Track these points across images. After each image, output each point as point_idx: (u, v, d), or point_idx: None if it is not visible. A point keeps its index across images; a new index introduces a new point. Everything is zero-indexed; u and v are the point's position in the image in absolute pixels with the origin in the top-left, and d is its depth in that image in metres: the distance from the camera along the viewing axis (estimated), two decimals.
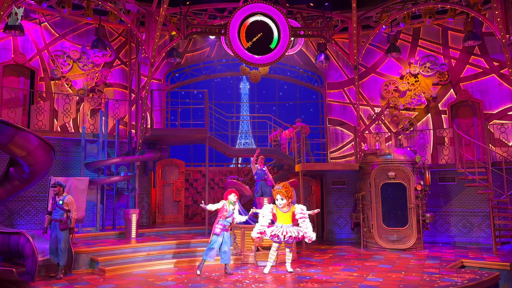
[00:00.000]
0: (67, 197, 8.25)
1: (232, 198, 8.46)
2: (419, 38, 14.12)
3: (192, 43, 15.23)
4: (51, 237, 8.02)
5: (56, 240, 8.00)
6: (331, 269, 8.67)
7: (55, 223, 8.04)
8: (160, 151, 12.86)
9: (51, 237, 8.02)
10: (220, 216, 8.31)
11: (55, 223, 8.04)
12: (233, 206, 8.42)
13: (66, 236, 8.06)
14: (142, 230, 11.32)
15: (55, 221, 8.04)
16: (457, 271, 8.17)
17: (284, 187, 8.29)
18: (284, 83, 16.48)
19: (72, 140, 12.13)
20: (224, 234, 8.29)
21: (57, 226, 8.02)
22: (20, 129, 8.43)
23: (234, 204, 8.46)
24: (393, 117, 14.07)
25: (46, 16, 12.98)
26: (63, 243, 8.01)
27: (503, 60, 12.26)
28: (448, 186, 12.45)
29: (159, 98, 14.67)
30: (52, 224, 8.08)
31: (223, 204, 8.41)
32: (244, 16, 11.49)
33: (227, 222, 8.30)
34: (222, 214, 8.30)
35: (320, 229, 14.33)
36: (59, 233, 7.99)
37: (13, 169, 9.30)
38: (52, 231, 8.04)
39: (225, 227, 8.29)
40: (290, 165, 13.25)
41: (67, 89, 13.06)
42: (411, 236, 10.98)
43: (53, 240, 8.02)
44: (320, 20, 14.24)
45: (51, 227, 8.09)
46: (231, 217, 8.35)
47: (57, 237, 7.99)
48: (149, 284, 7.51)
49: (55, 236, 8.01)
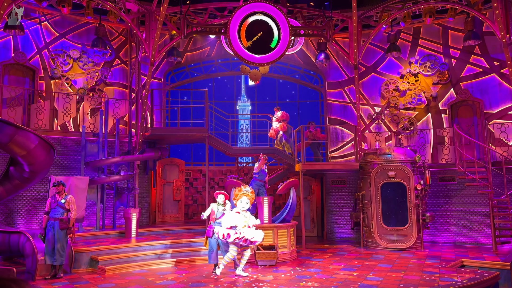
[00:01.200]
0: (69, 196, 8.26)
1: (220, 200, 8.51)
2: (419, 38, 14.11)
3: (192, 42, 15.22)
4: (47, 237, 7.96)
5: (54, 240, 7.93)
6: (331, 268, 8.67)
7: (53, 223, 7.98)
8: (160, 150, 12.86)
9: (47, 237, 7.96)
10: (211, 219, 8.40)
11: (53, 223, 7.98)
12: (222, 207, 8.46)
13: (65, 235, 8.03)
14: (142, 229, 11.32)
15: (54, 220, 7.99)
16: (457, 271, 8.18)
17: (253, 192, 8.41)
18: (284, 83, 16.48)
19: (72, 139, 12.13)
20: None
21: (55, 225, 7.97)
22: (20, 128, 8.42)
23: (223, 205, 8.50)
24: (393, 116, 14.06)
25: (46, 15, 12.98)
26: (62, 242, 7.97)
27: (503, 59, 12.26)
28: (448, 186, 12.45)
29: (159, 97, 14.67)
30: (50, 223, 7.98)
31: (211, 208, 8.50)
32: (244, 15, 11.48)
33: (217, 223, 8.29)
34: (212, 217, 8.40)
35: (320, 228, 14.35)
36: (58, 232, 7.95)
37: (13, 168, 9.30)
38: (49, 231, 7.95)
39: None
40: (290, 164, 13.25)
41: (67, 88, 13.06)
42: (411, 236, 10.98)
43: (50, 241, 7.92)
44: (321, 20, 14.23)
45: (48, 227, 8.02)
46: (221, 218, 8.33)
47: (55, 236, 7.94)
48: (149, 283, 7.52)
49: (52, 235, 7.94)
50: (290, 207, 10.73)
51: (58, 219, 7.99)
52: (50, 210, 8.07)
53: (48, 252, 7.92)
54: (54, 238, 7.94)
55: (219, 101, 16.13)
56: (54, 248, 7.94)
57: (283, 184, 10.82)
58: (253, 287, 7.14)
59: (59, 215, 8.02)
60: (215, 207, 8.46)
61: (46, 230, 7.99)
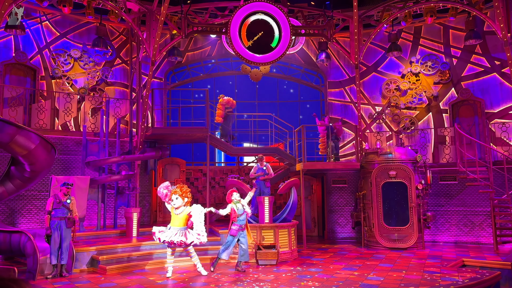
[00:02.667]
0: (72, 197, 8.35)
1: (236, 197, 8.63)
2: (420, 37, 14.09)
3: (193, 42, 15.22)
4: (53, 237, 7.99)
5: (60, 239, 7.99)
6: (332, 268, 8.67)
7: (59, 222, 8.03)
8: (161, 150, 12.86)
9: (53, 237, 7.99)
10: (233, 219, 8.51)
11: (59, 222, 8.03)
12: (241, 204, 8.60)
13: (69, 234, 8.10)
14: (143, 228, 11.31)
15: (60, 220, 8.04)
16: (458, 270, 8.16)
17: (179, 187, 8.14)
18: (285, 82, 16.47)
19: (73, 139, 12.13)
20: (241, 234, 8.53)
21: (61, 224, 8.02)
22: (21, 128, 8.42)
23: (239, 202, 8.63)
24: (394, 116, 14.05)
25: (47, 15, 12.98)
26: (68, 241, 8.05)
27: (505, 59, 12.24)
28: (449, 185, 12.44)
29: (160, 97, 14.67)
30: (55, 223, 8.03)
31: (231, 208, 8.59)
32: (245, 15, 11.47)
33: (241, 221, 8.50)
34: (234, 216, 8.49)
35: (321, 228, 14.34)
36: (65, 230, 8.02)
37: (14, 168, 9.30)
38: (55, 231, 7.99)
39: (240, 227, 8.52)
40: (290, 164, 13.24)
41: (68, 88, 13.06)
42: (412, 235, 10.98)
43: (56, 240, 7.95)
44: (321, 19, 14.22)
45: (53, 226, 8.03)
46: (243, 214, 8.55)
47: (62, 235, 8.00)
48: (150, 283, 7.52)
49: (58, 235, 7.98)
50: (291, 206, 10.73)
51: (64, 218, 8.03)
52: (53, 210, 8.08)
53: (55, 251, 7.95)
54: (60, 237, 7.98)
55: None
56: (61, 247, 7.98)
57: (284, 184, 10.82)
58: (254, 286, 7.14)
59: (65, 214, 8.07)
60: (234, 206, 8.53)
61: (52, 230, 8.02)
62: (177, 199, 8.00)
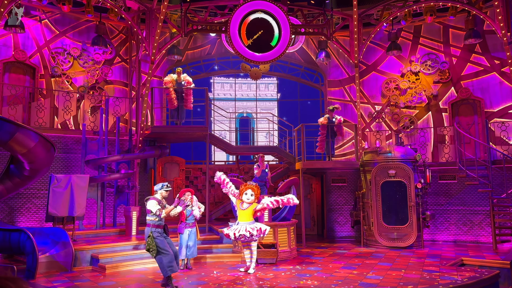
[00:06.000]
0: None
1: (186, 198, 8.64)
2: (420, 36, 14.09)
3: (193, 40, 15.21)
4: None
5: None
6: (331, 266, 8.68)
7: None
8: (160, 148, 12.85)
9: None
10: (182, 218, 8.70)
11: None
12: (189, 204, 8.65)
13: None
14: (142, 227, 11.31)
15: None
16: (457, 269, 8.18)
17: (256, 186, 8.53)
18: (284, 81, 16.47)
19: (73, 138, 12.13)
20: (189, 231, 8.68)
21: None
22: (20, 126, 8.41)
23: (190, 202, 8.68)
24: (394, 115, 14.05)
25: (47, 13, 12.96)
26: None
27: (504, 58, 12.25)
28: (449, 184, 12.44)
29: (160, 95, 14.66)
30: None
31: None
32: (244, 13, 11.47)
33: (189, 220, 8.68)
34: (183, 215, 8.65)
35: (320, 226, 14.35)
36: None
37: (14, 166, 9.30)
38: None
39: (187, 224, 8.70)
40: (290, 162, 13.24)
41: (67, 86, 13.05)
42: (411, 234, 10.99)
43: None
44: (321, 18, 14.21)
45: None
46: (191, 215, 8.66)
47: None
48: (150, 281, 7.53)
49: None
50: (290, 205, 10.71)
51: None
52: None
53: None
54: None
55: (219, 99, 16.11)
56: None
57: (283, 183, 10.82)
58: (253, 285, 7.15)
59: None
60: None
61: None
62: (252, 196, 8.33)
